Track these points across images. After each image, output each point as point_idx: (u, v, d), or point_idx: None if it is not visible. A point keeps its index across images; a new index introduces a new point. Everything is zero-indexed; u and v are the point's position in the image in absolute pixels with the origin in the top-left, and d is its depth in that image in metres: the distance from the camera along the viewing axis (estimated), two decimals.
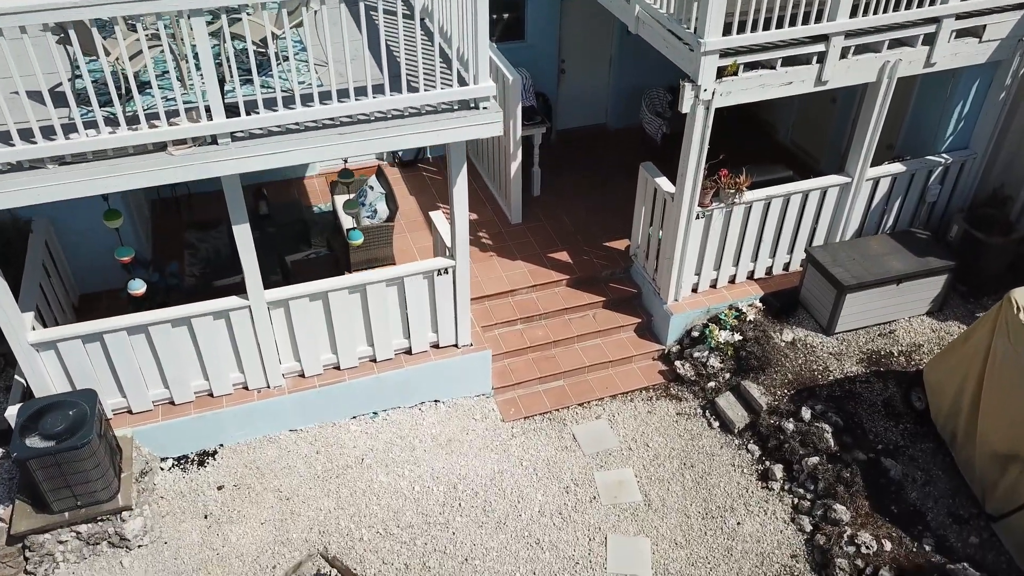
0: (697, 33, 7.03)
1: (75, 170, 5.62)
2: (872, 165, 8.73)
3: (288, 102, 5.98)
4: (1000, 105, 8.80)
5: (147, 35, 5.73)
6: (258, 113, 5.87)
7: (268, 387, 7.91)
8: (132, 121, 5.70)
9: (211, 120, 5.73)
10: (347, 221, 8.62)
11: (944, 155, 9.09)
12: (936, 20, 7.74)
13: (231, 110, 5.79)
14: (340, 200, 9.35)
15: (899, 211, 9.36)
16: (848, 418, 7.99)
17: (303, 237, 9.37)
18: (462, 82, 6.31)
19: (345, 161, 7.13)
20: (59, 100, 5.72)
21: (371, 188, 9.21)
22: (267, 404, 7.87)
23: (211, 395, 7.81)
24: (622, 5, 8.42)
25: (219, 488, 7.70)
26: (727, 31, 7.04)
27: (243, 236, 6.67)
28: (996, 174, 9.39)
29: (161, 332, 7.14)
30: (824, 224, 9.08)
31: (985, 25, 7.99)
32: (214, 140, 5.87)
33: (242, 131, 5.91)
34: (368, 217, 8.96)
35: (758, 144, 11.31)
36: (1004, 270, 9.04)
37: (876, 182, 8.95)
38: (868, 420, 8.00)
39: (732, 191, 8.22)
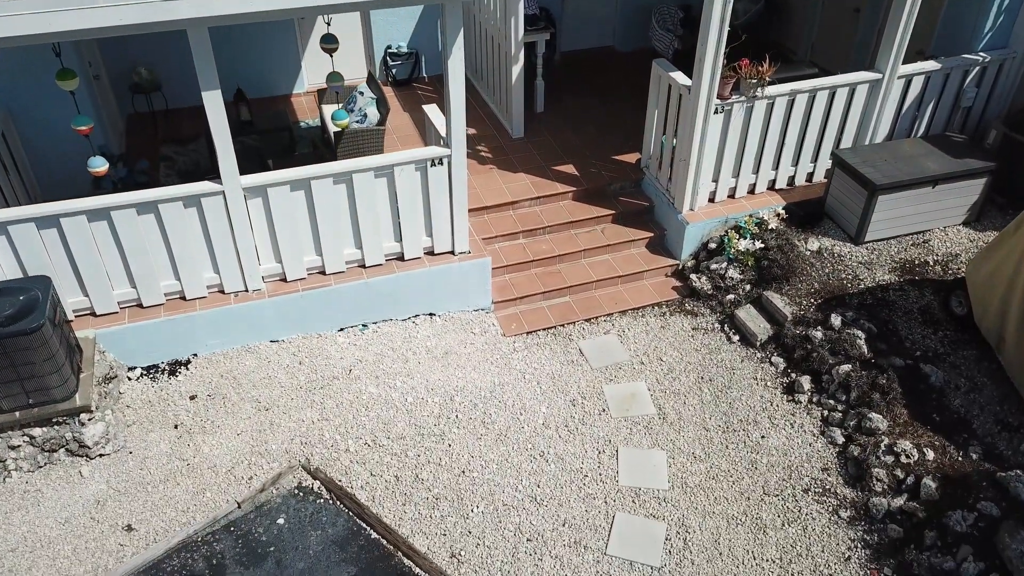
0: None
1: (18, 2, 4.93)
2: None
3: None
4: None
5: None
6: None
7: (247, 290, 7.22)
8: None
9: None
10: (335, 130, 7.95)
11: (982, 54, 8.39)
12: None
13: None
14: (328, 110, 8.71)
15: (932, 116, 8.66)
16: (882, 325, 7.29)
17: (288, 148, 8.70)
18: None
19: (328, 23, 6.44)
20: None
21: (361, 94, 8.55)
22: (245, 309, 7.19)
23: (183, 298, 7.13)
24: None
25: (192, 398, 7.01)
26: None
27: (214, 107, 5.98)
28: None
29: (125, 219, 6.46)
30: (852, 128, 8.38)
31: None
32: None
33: None
34: (358, 122, 8.29)
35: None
36: None
37: (908, 81, 8.26)
38: (904, 327, 7.30)
39: (754, 81, 7.52)
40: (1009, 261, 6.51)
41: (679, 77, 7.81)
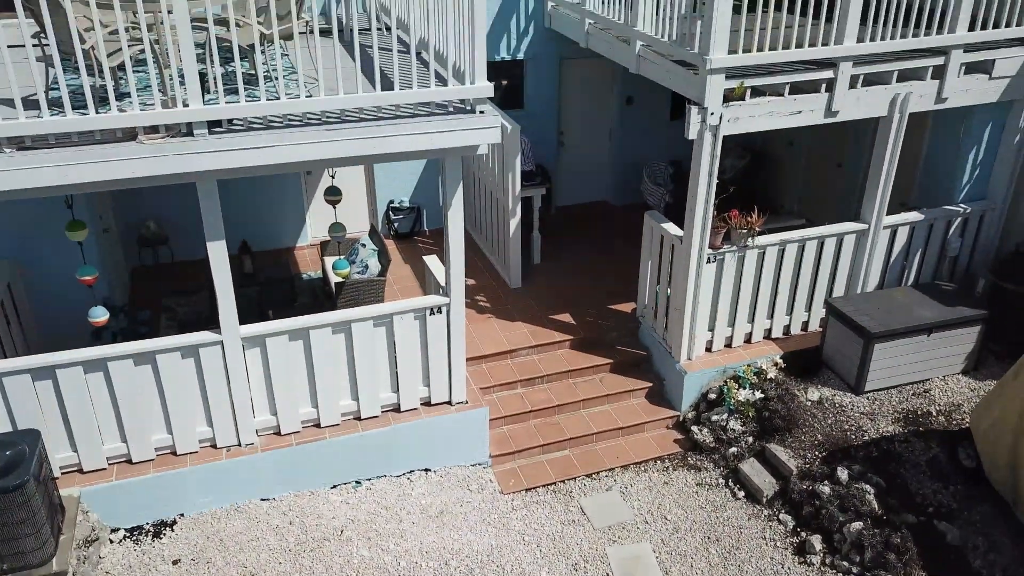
0: (701, 51, 6.80)
1: (35, 156, 5.13)
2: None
3: (272, 98, 5.61)
4: (1015, 150, 8.51)
5: (126, 27, 5.41)
6: (238, 101, 5.45)
7: (239, 444, 7.05)
8: (101, 103, 5.27)
9: (187, 107, 5.31)
10: (336, 280, 8.08)
11: (962, 205, 8.70)
12: (943, 52, 7.57)
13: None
14: (330, 261, 8.89)
15: (920, 265, 8.85)
16: (890, 479, 7.09)
17: (289, 299, 8.80)
18: (458, 80, 5.96)
19: (332, 176, 6.67)
20: (22, 73, 5.31)
21: (363, 246, 8.75)
22: (237, 464, 6.98)
23: (174, 453, 6.94)
24: (621, 48, 8.31)
25: (175, 562, 6.65)
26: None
27: (219, 257, 6.08)
28: (1018, 231, 8.95)
29: (122, 370, 6.40)
30: (843, 276, 8.54)
31: (994, 60, 7.83)
32: (190, 131, 5.42)
33: (220, 120, 5.47)
34: (359, 273, 8.43)
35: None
36: None
37: (894, 232, 8.50)
38: (913, 481, 7.09)
39: (744, 231, 7.73)
40: (1011, 410, 6.43)
41: (671, 228, 8.03)
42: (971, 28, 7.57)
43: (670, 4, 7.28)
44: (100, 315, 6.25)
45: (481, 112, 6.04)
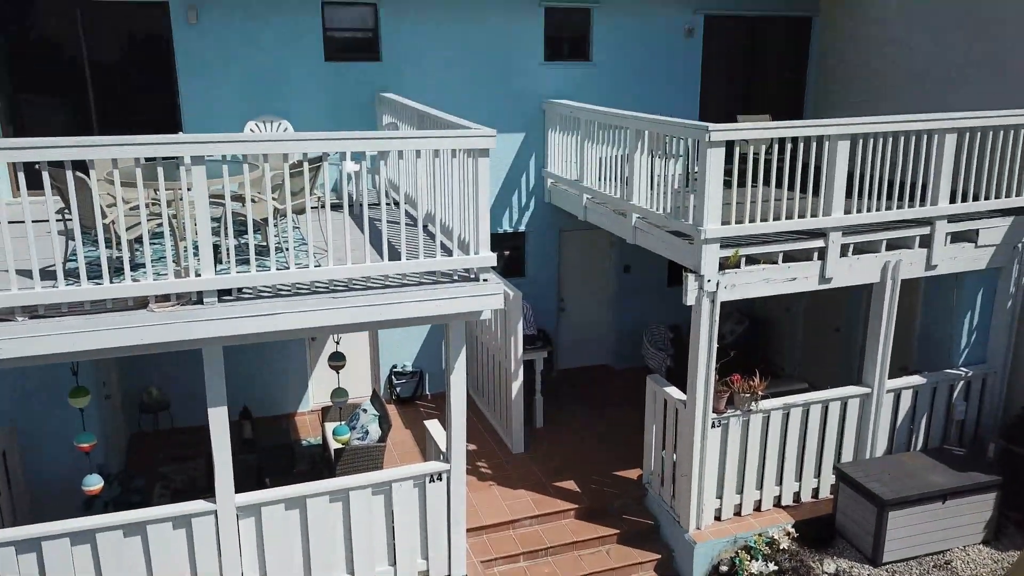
0: (695, 222, 7.09)
1: (46, 324, 5.22)
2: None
3: (281, 267, 5.79)
4: (1009, 315, 8.65)
5: (147, 203, 5.68)
6: (248, 271, 5.62)
7: None
8: (116, 273, 5.43)
9: (199, 277, 5.47)
10: (336, 446, 8.00)
11: (963, 369, 8.73)
12: (928, 222, 7.89)
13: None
14: (331, 427, 8.82)
15: (927, 429, 8.75)
16: None
17: (287, 465, 8.64)
18: (463, 250, 6.18)
19: (337, 342, 6.73)
20: (43, 246, 5.51)
21: (364, 411, 8.71)
22: None
23: None
24: (618, 220, 8.66)
25: None
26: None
27: (219, 424, 6.03)
28: (1021, 393, 8.93)
29: (110, 542, 6.15)
30: (850, 441, 8.42)
31: (978, 230, 8.14)
32: (200, 299, 5.55)
33: (230, 288, 5.61)
34: (359, 439, 8.33)
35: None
36: None
37: (898, 396, 8.48)
38: None
39: (747, 395, 7.72)
40: None
41: (674, 392, 8.02)
42: (952, 200, 7.94)
43: (664, 180, 7.69)
44: (94, 483, 6.11)
45: (485, 280, 6.21)
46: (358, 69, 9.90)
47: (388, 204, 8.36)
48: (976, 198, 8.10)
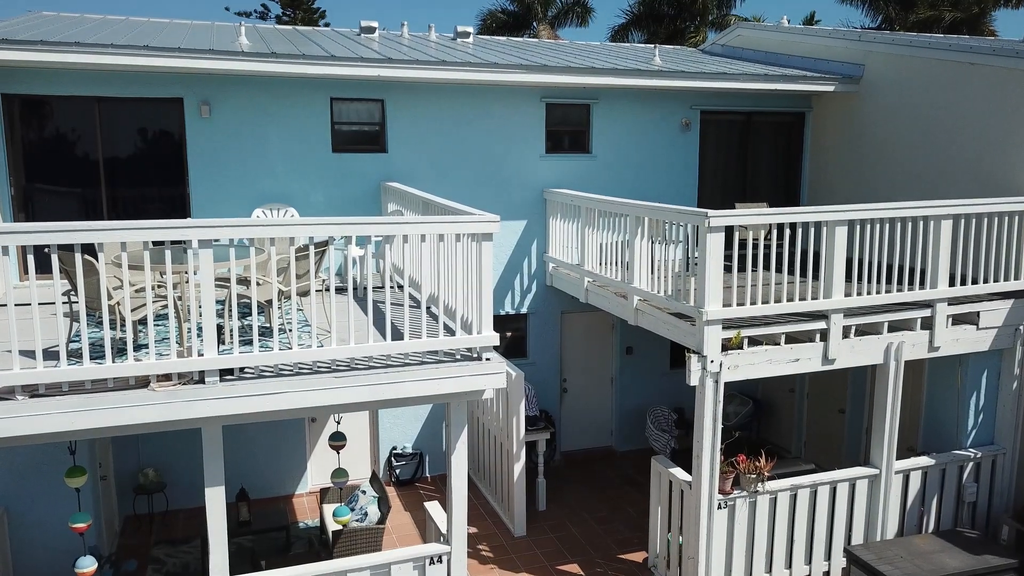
0: (697, 304, 7.15)
1: (46, 403, 5.22)
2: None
3: (284, 348, 5.81)
4: (1015, 396, 8.60)
5: (152, 286, 5.77)
6: (251, 351, 5.65)
7: None
8: (119, 353, 5.45)
9: (201, 356, 5.49)
10: (335, 527, 7.85)
11: (972, 450, 8.63)
12: (929, 305, 7.94)
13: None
14: (329, 509, 8.69)
15: (939, 511, 8.57)
16: None
17: (284, 548, 8.46)
18: (466, 330, 6.21)
19: (338, 422, 6.69)
20: (48, 327, 5.55)
21: (363, 492, 8.58)
22: None
23: None
24: (620, 303, 8.72)
25: None
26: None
27: (215, 504, 5.94)
28: None
29: None
30: (860, 523, 8.24)
31: (979, 312, 8.18)
32: (201, 378, 5.56)
33: (232, 368, 5.62)
34: (358, 520, 8.18)
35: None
36: None
37: (907, 477, 8.35)
38: None
39: (753, 476, 7.60)
40: None
41: (679, 473, 7.91)
42: (952, 283, 8.02)
43: (664, 264, 7.79)
44: (87, 565, 5.97)
45: (487, 359, 6.22)
46: (365, 160, 10.17)
47: (392, 287, 8.46)
48: (975, 281, 8.18)
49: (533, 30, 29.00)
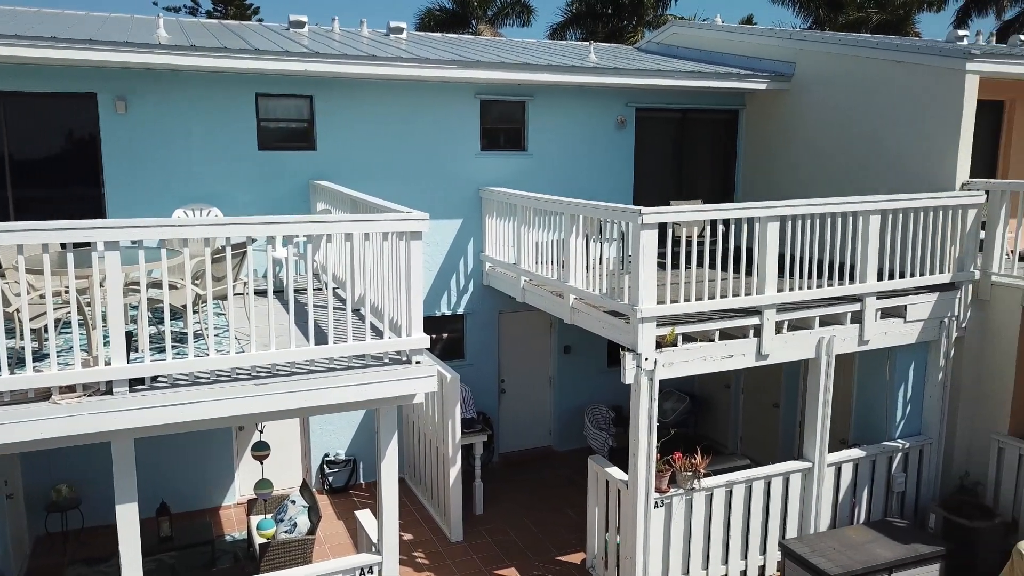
0: (631, 301, 7.08)
1: None
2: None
3: (201, 354, 5.51)
4: (940, 387, 8.79)
5: (56, 291, 5.40)
6: (163, 359, 5.34)
7: None
8: (18, 363, 5.08)
9: (108, 365, 5.16)
10: (261, 541, 7.54)
11: (900, 441, 8.78)
12: (858, 299, 8.04)
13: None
14: (256, 520, 8.35)
15: (869, 502, 8.71)
16: None
17: (208, 563, 8.11)
18: (395, 332, 6.00)
19: (261, 431, 6.40)
20: None
21: (292, 502, 8.29)
22: None
23: None
24: (556, 302, 8.61)
25: None
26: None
27: (127, 521, 5.59)
28: (958, 461, 9.03)
29: None
30: (794, 516, 8.31)
31: (906, 306, 8.32)
32: (109, 389, 5.22)
33: (143, 377, 5.30)
34: (286, 532, 7.89)
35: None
36: (998, 562, 8.15)
37: (839, 469, 8.46)
38: None
39: (690, 474, 7.58)
40: None
41: (616, 473, 7.84)
42: (880, 278, 8.14)
43: (599, 262, 7.71)
44: None
45: (418, 362, 6.03)
46: (293, 158, 9.83)
47: (318, 289, 8.18)
48: (903, 275, 8.32)
49: (473, 29, 28.80)
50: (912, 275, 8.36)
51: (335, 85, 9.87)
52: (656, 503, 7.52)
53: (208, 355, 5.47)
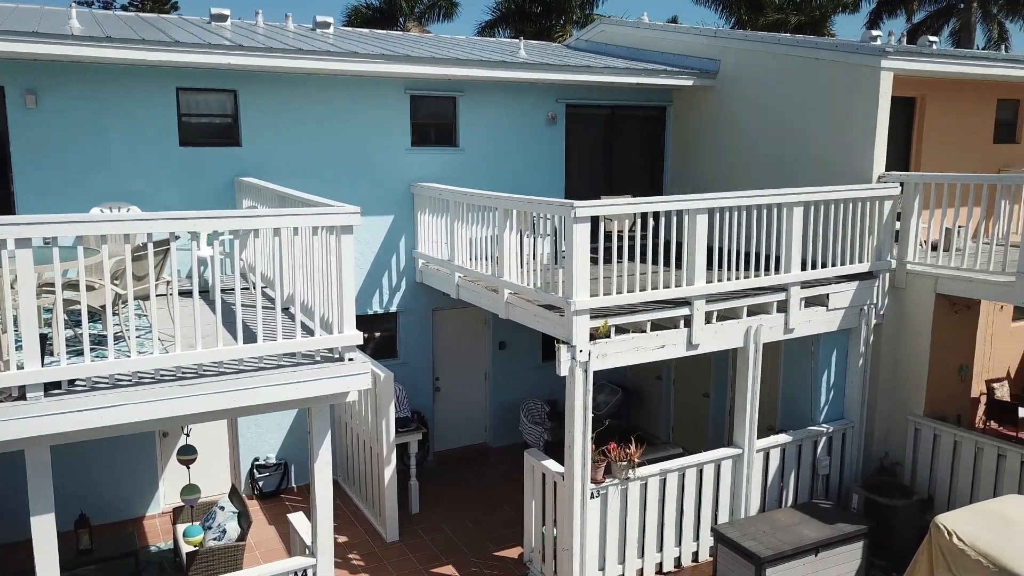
0: (565, 294, 7.12)
1: None
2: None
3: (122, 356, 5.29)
4: (861, 373, 9.13)
5: None
6: (81, 360, 5.10)
7: None
8: None
9: (21, 369, 4.91)
10: (189, 549, 7.30)
11: (824, 425, 9.09)
12: (783, 288, 8.27)
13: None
14: (182, 528, 8.09)
15: (796, 485, 8.99)
16: None
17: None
18: (326, 330, 5.88)
19: (187, 435, 6.19)
20: None
21: (221, 508, 8.05)
22: None
23: None
24: (491, 297, 8.59)
25: None
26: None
27: (43, 535, 5.30)
28: (878, 445, 9.40)
29: None
30: (725, 502, 8.51)
31: (828, 295, 8.60)
32: (22, 395, 4.97)
33: (59, 381, 5.06)
34: (215, 539, 7.66)
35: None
36: (915, 538, 8.51)
37: (767, 455, 8.70)
38: None
39: (624, 463, 7.67)
40: None
41: (552, 465, 7.88)
42: (804, 268, 8.40)
43: (533, 257, 7.73)
44: None
45: (351, 359, 5.92)
46: (217, 154, 9.54)
47: (246, 288, 7.96)
48: (824, 265, 8.60)
49: (401, 26, 28.55)
50: (834, 265, 8.65)
51: (260, 80, 9.62)
52: (592, 494, 7.59)
53: (130, 356, 5.26)
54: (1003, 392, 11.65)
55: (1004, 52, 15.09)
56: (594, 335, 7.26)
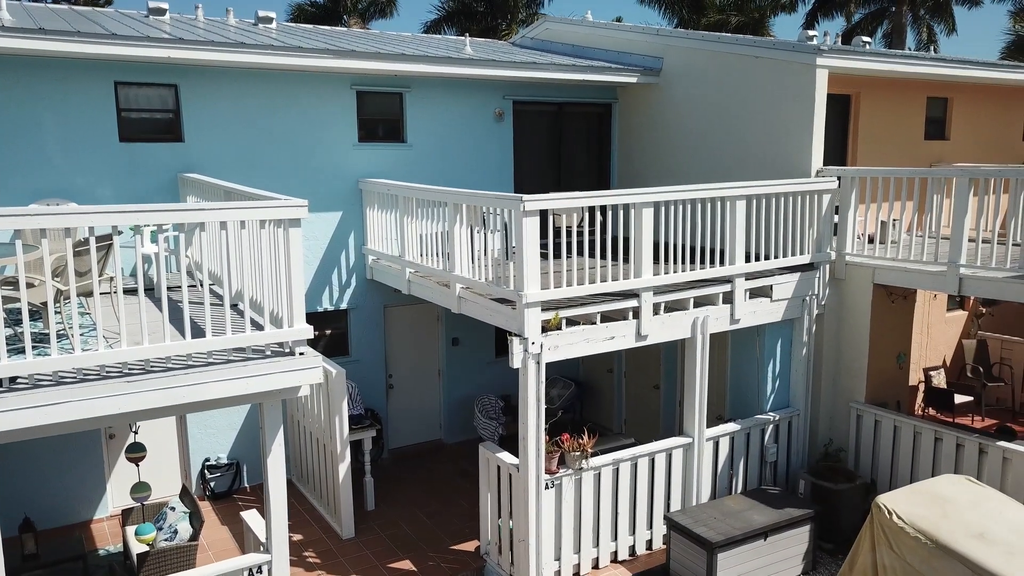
0: (517, 287, 7.18)
1: None
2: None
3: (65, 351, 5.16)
4: (805, 362, 9.39)
5: None
6: (23, 358, 4.96)
7: None
8: None
9: None
10: (140, 549, 7.15)
11: (771, 413, 9.33)
12: (728, 280, 8.47)
13: None
14: (132, 529, 7.92)
15: (745, 472, 9.21)
16: None
17: None
18: (276, 325, 5.82)
19: (135, 432, 6.06)
20: None
21: (172, 509, 7.90)
22: None
23: None
24: (443, 292, 8.60)
25: None
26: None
27: None
28: (823, 431, 9.69)
29: None
30: (677, 490, 8.69)
31: (771, 286, 8.84)
32: None
33: None
34: (167, 540, 7.52)
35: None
36: (860, 520, 8.80)
37: (716, 443, 8.90)
38: None
39: (578, 454, 7.77)
40: None
41: (506, 457, 7.93)
42: (748, 260, 8.61)
43: (484, 251, 7.78)
44: None
45: (301, 353, 5.87)
46: (158, 150, 9.34)
47: (193, 286, 7.82)
48: (767, 257, 8.84)
49: (344, 23, 28.29)
50: (776, 257, 8.89)
51: (203, 74, 9.46)
52: (547, 485, 7.67)
53: (73, 352, 5.13)
54: (940, 380, 12.10)
55: (933, 52, 15.69)
56: (546, 327, 7.34)
